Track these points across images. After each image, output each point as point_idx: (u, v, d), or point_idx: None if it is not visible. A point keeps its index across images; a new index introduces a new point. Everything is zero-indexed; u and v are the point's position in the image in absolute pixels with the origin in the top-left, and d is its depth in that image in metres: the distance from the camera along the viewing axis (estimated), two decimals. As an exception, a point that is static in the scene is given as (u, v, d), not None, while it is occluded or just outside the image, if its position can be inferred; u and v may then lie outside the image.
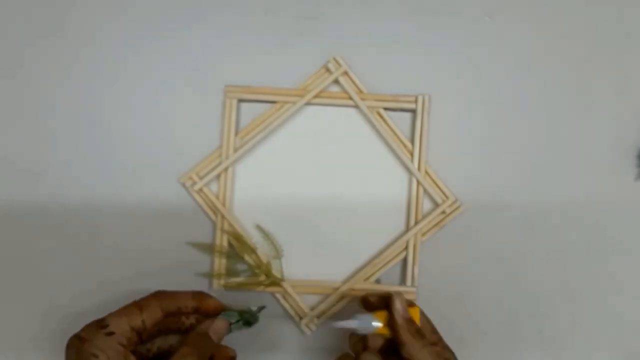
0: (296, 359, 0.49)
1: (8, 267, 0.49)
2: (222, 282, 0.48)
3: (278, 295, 0.48)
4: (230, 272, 0.48)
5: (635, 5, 0.51)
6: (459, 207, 0.49)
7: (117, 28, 0.50)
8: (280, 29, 0.51)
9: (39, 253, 0.49)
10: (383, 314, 0.41)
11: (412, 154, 0.50)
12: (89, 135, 0.50)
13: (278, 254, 0.48)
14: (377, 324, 0.41)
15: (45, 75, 0.50)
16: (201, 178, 0.49)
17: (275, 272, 0.48)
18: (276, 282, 0.48)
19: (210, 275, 0.48)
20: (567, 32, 0.51)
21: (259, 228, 0.49)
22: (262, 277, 0.48)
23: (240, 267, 0.49)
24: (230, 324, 0.42)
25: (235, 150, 0.49)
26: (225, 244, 0.49)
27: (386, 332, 0.41)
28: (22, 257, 0.49)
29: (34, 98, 0.50)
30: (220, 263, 0.48)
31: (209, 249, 0.49)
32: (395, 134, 0.50)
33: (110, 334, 0.38)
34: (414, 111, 0.50)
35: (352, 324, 0.41)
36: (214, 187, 0.50)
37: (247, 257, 0.48)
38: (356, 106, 0.50)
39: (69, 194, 0.49)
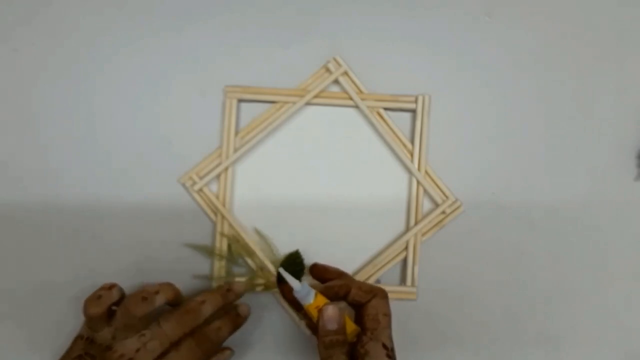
0: (296, 359, 0.49)
1: (7, 268, 0.49)
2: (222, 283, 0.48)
3: (278, 296, 0.48)
4: (229, 274, 0.48)
5: (635, 5, 0.51)
6: (459, 207, 0.49)
7: (117, 28, 0.50)
8: (280, 29, 0.51)
9: (39, 253, 0.49)
10: (323, 300, 0.41)
11: (412, 154, 0.50)
12: (88, 136, 0.50)
13: (275, 257, 0.48)
14: (308, 303, 0.40)
15: (45, 75, 0.50)
16: (201, 178, 0.49)
17: (273, 277, 0.48)
18: (272, 286, 0.48)
19: (210, 278, 0.48)
20: (567, 32, 0.51)
21: (257, 231, 0.49)
22: (260, 280, 0.48)
23: (238, 270, 0.49)
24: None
25: (235, 150, 0.49)
26: (224, 247, 0.49)
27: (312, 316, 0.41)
28: (21, 258, 0.49)
29: (34, 98, 0.50)
30: (219, 266, 0.48)
31: (208, 251, 0.49)
32: (395, 134, 0.50)
33: None
34: (414, 111, 0.50)
35: (295, 284, 0.41)
36: (214, 187, 0.50)
37: (246, 259, 0.48)
38: (356, 106, 0.50)
39: (69, 195, 0.49)
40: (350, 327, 0.41)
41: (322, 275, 0.46)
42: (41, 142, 0.50)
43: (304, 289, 0.41)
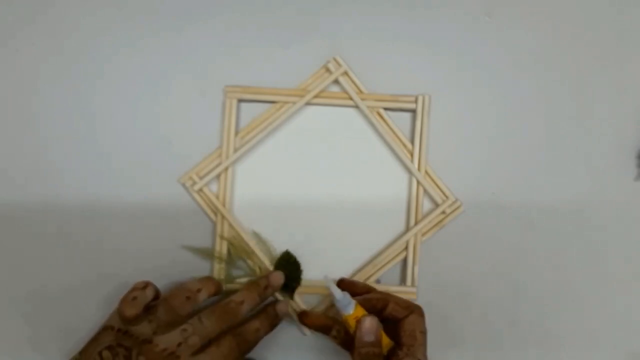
0: (296, 359, 0.49)
1: (6, 268, 0.49)
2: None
3: (278, 295, 0.48)
4: (229, 276, 0.48)
5: (635, 5, 0.51)
6: (459, 207, 0.49)
7: (117, 28, 0.50)
8: (280, 29, 0.51)
9: (39, 253, 0.49)
10: (362, 311, 0.41)
11: (412, 154, 0.50)
12: (88, 136, 0.50)
13: (274, 259, 0.48)
14: (348, 313, 0.41)
15: (45, 75, 0.50)
16: (201, 178, 0.49)
17: None
18: None
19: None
20: (567, 32, 0.51)
21: (255, 234, 0.49)
22: None
23: (236, 272, 0.49)
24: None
25: (235, 150, 0.49)
26: (224, 250, 0.48)
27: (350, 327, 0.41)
28: (21, 258, 0.49)
29: (34, 98, 0.50)
30: (219, 268, 0.48)
31: (207, 254, 0.48)
32: (395, 134, 0.50)
33: None
34: (414, 111, 0.50)
35: (337, 293, 0.41)
36: (214, 187, 0.50)
37: (246, 261, 0.48)
38: (356, 106, 0.50)
39: (69, 195, 0.49)
40: (384, 340, 0.41)
41: (350, 290, 0.45)
42: (41, 142, 0.50)
43: (345, 299, 0.41)
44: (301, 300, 0.48)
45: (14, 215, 0.49)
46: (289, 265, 0.47)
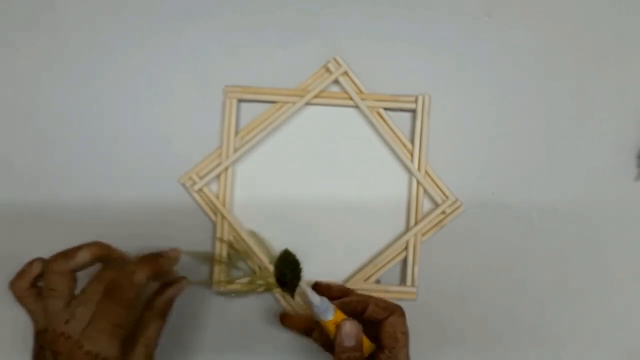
0: (295, 359, 0.49)
1: (7, 268, 0.49)
2: (222, 288, 0.48)
3: (278, 295, 0.48)
4: (228, 277, 0.48)
5: (635, 5, 0.51)
6: (459, 207, 0.49)
7: (117, 28, 0.50)
8: (280, 29, 0.51)
9: (39, 253, 0.49)
10: (341, 316, 0.40)
11: (412, 154, 0.50)
12: (89, 136, 0.50)
13: (273, 259, 0.48)
14: (328, 319, 0.39)
15: (45, 75, 0.50)
16: (201, 178, 0.49)
17: (271, 278, 0.48)
18: (273, 287, 0.48)
19: (209, 283, 0.48)
20: (567, 32, 0.51)
21: (253, 234, 0.49)
22: (260, 282, 0.48)
23: (236, 273, 0.49)
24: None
25: (235, 150, 0.49)
26: (224, 253, 0.48)
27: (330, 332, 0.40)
28: (21, 257, 0.49)
29: (34, 98, 0.50)
30: (219, 270, 0.48)
31: (207, 258, 0.48)
32: (395, 134, 0.50)
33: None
34: (414, 111, 0.50)
35: (315, 299, 0.40)
36: (214, 187, 0.50)
37: (246, 261, 0.48)
38: (356, 106, 0.50)
39: (69, 195, 0.49)
40: (366, 343, 0.40)
41: (326, 293, 0.44)
42: (41, 142, 0.50)
43: (323, 304, 0.40)
44: (301, 300, 0.48)
45: (15, 214, 0.49)
46: (288, 264, 0.46)
